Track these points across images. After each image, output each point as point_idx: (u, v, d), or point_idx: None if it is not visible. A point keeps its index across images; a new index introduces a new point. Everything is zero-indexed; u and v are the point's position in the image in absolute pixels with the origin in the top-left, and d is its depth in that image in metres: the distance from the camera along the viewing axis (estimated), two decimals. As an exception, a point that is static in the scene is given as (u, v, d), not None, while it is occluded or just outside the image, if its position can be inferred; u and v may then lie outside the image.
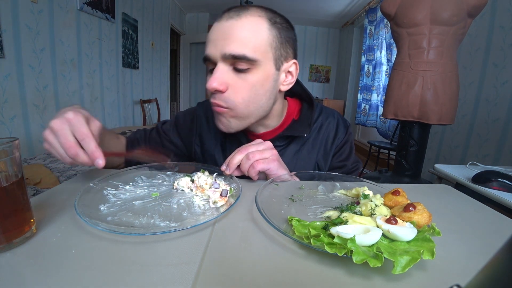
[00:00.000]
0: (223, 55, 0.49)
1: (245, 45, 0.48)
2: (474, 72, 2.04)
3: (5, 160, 0.30)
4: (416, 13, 1.42)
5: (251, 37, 0.49)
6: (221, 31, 0.50)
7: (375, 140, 3.23)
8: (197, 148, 0.70)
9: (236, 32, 0.48)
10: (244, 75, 0.51)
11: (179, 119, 0.73)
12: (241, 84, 0.51)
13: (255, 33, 0.49)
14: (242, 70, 0.50)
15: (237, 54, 0.48)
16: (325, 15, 4.66)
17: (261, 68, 0.51)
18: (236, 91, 0.51)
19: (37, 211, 0.36)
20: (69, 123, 0.40)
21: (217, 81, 0.50)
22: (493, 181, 0.89)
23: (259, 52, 0.50)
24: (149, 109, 3.46)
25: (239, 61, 0.49)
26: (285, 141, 0.64)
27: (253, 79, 0.51)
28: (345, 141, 0.68)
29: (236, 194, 0.43)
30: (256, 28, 0.49)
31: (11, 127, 1.69)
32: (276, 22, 0.52)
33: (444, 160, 2.34)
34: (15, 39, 1.66)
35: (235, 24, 0.49)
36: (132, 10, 3.08)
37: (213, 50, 0.50)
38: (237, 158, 0.50)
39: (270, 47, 0.51)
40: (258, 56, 0.50)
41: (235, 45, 0.48)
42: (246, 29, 0.49)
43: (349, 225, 0.33)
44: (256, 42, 0.49)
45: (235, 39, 0.48)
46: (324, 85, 5.63)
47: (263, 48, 0.50)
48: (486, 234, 0.38)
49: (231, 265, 0.28)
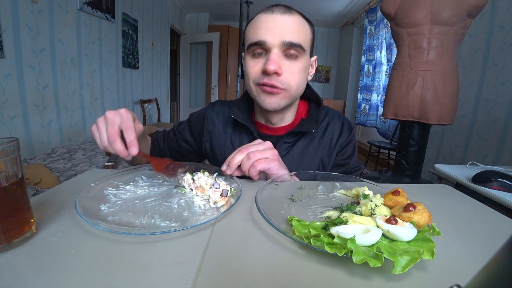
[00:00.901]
0: (282, 42, 0.56)
1: (300, 35, 0.58)
2: (474, 72, 2.04)
3: (5, 160, 0.30)
4: (416, 13, 1.42)
5: (302, 31, 0.58)
6: (278, 22, 0.56)
7: (375, 140, 3.23)
8: (207, 144, 0.74)
9: (293, 25, 0.57)
10: (293, 62, 0.59)
11: (192, 118, 0.79)
12: (293, 68, 0.59)
13: (304, 28, 0.59)
14: (293, 56, 0.58)
15: (295, 42, 0.56)
16: (325, 15, 4.66)
17: (305, 56, 0.60)
18: (290, 74, 0.59)
19: (37, 211, 0.36)
20: (120, 116, 0.47)
21: (276, 64, 0.56)
22: (493, 181, 0.89)
23: (306, 43, 0.59)
24: (149, 109, 3.46)
25: (292, 48, 0.57)
26: (295, 137, 0.68)
27: (300, 66, 0.59)
28: (349, 141, 0.71)
29: (236, 194, 0.43)
30: (304, 25, 0.60)
31: (11, 127, 1.69)
32: (311, 24, 0.63)
33: (444, 160, 2.34)
34: (15, 39, 1.66)
35: (290, 18, 0.57)
36: (132, 10, 3.07)
37: (271, 37, 0.56)
38: (238, 158, 0.50)
39: (310, 42, 0.61)
40: (306, 47, 0.59)
41: (293, 34, 0.56)
42: (299, 24, 0.58)
43: (349, 225, 0.33)
44: (305, 35, 0.59)
45: (293, 30, 0.57)
46: (324, 85, 5.63)
47: (308, 41, 0.60)
48: (486, 234, 0.38)
49: (231, 265, 0.28)
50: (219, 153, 0.71)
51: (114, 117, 0.47)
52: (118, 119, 0.47)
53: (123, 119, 0.47)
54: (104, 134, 0.47)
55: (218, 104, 0.77)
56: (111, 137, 0.46)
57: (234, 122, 0.71)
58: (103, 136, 0.47)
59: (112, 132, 0.46)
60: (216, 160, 0.72)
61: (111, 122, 0.47)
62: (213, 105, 0.77)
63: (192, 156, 0.80)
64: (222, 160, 0.65)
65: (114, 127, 0.46)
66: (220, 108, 0.75)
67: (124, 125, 0.47)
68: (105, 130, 0.47)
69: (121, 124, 0.47)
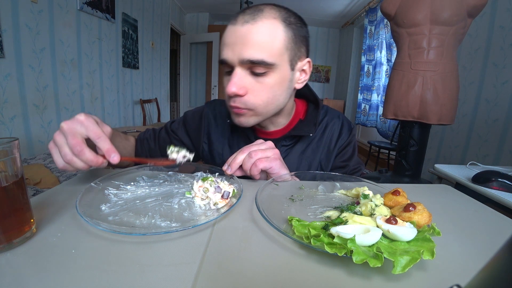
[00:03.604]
0: (241, 60, 0.50)
1: (262, 50, 0.49)
2: (474, 72, 2.04)
3: (5, 160, 0.30)
4: (416, 13, 1.42)
5: (268, 41, 0.49)
6: (238, 36, 0.50)
7: (375, 140, 3.23)
8: (205, 146, 0.71)
9: (253, 37, 0.49)
10: (262, 79, 0.52)
11: (187, 117, 0.74)
12: (260, 87, 0.52)
13: (272, 37, 0.50)
14: (260, 74, 0.51)
15: (255, 60, 0.49)
16: (325, 15, 4.66)
17: (277, 70, 0.52)
18: (255, 94, 0.52)
19: (37, 211, 0.36)
20: (81, 124, 0.41)
21: (236, 86, 0.51)
22: (493, 181, 0.89)
23: (276, 55, 0.50)
24: (149, 109, 3.46)
25: (256, 66, 0.50)
26: (292, 140, 0.65)
27: (270, 82, 0.52)
28: (348, 142, 0.69)
29: (237, 195, 0.43)
30: (272, 32, 0.50)
31: (11, 127, 1.69)
32: (291, 23, 0.52)
33: (444, 160, 2.34)
34: (15, 39, 1.66)
35: (251, 28, 0.49)
36: (132, 10, 3.07)
37: (231, 54, 0.51)
38: (239, 158, 0.50)
39: (286, 49, 0.52)
40: (275, 60, 0.50)
41: (252, 50, 0.49)
42: (262, 33, 0.49)
43: (349, 225, 0.33)
44: (273, 46, 0.50)
45: (252, 44, 0.49)
46: (324, 85, 5.63)
47: (280, 51, 0.51)
48: (486, 234, 0.38)
49: (231, 265, 0.28)
50: (218, 156, 0.69)
51: (72, 126, 0.40)
52: (79, 127, 0.40)
53: (85, 127, 0.41)
54: (64, 148, 0.39)
55: (215, 103, 0.73)
56: (75, 148, 0.39)
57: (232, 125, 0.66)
58: (64, 150, 0.39)
59: (74, 141, 0.39)
60: (214, 162, 0.69)
61: (70, 132, 0.40)
62: (210, 105, 0.73)
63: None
64: (220, 163, 0.65)
65: (76, 135, 0.40)
66: (219, 108, 0.72)
67: (91, 134, 0.41)
68: (65, 143, 0.40)
69: (86, 132, 0.41)
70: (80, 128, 0.41)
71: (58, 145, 0.40)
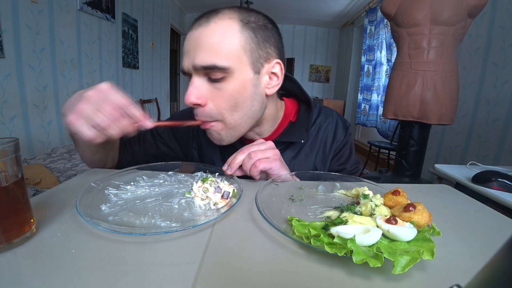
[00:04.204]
0: (194, 66, 0.46)
1: (214, 53, 0.45)
2: (474, 72, 2.04)
3: (5, 160, 0.30)
4: (416, 13, 1.42)
5: (220, 43, 0.45)
6: (192, 41, 0.47)
7: (375, 140, 3.23)
8: (195, 152, 0.67)
9: (204, 40, 0.45)
10: (220, 85, 0.47)
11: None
12: (219, 95, 0.48)
13: (224, 38, 0.45)
14: (217, 80, 0.47)
15: (206, 65, 0.45)
16: (325, 15, 4.66)
17: (236, 75, 0.47)
18: (216, 102, 0.49)
19: (37, 211, 0.36)
20: (109, 92, 0.39)
21: (194, 95, 0.47)
22: (493, 181, 0.89)
23: (232, 58, 0.46)
24: (149, 109, 3.46)
25: (211, 71, 0.46)
26: (282, 146, 0.61)
27: (229, 88, 0.48)
28: (345, 143, 0.66)
29: (237, 195, 0.43)
30: (225, 33, 0.45)
31: (11, 127, 1.69)
32: (250, 22, 0.47)
33: (444, 160, 2.34)
34: (15, 39, 1.66)
35: (203, 31, 0.45)
36: (132, 10, 3.07)
37: (186, 62, 0.48)
38: (239, 158, 0.50)
39: (244, 51, 0.47)
40: (231, 63, 0.46)
41: (204, 54, 0.45)
42: (214, 35, 0.45)
43: (349, 225, 0.33)
44: (227, 48, 0.45)
45: (203, 48, 0.45)
46: (324, 85, 5.63)
47: (236, 53, 0.46)
48: (486, 234, 0.38)
49: (231, 265, 0.28)
50: (209, 162, 0.65)
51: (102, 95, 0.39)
52: (109, 95, 0.39)
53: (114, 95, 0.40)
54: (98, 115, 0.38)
55: None
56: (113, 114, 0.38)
57: None
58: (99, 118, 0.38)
59: (110, 108, 0.38)
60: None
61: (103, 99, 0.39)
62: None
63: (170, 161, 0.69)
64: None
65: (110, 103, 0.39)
66: None
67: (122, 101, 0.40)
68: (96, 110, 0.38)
69: (116, 100, 0.40)
70: (110, 96, 0.39)
71: (87, 114, 0.38)
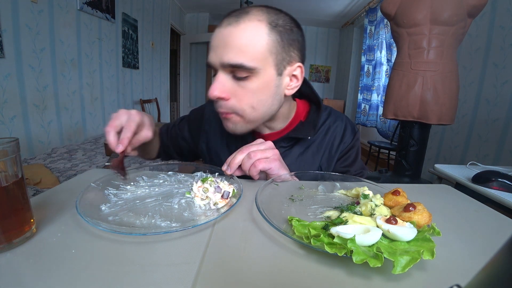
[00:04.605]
0: (222, 63, 0.49)
1: (242, 53, 0.47)
2: (474, 72, 2.04)
3: (5, 160, 0.30)
4: (416, 13, 1.42)
5: (249, 45, 0.47)
6: (220, 38, 0.49)
7: (375, 140, 3.23)
8: (203, 144, 0.71)
9: (234, 40, 0.47)
10: (244, 83, 0.50)
11: (192, 115, 0.76)
12: (242, 92, 0.51)
13: (253, 40, 0.48)
14: (242, 78, 0.49)
15: (234, 63, 0.48)
16: (325, 15, 4.66)
17: (260, 75, 0.50)
18: (238, 98, 0.51)
19: (37, 211, 0.36)
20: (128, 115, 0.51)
21: (218, 90, 0.50)
22: (493, 181, 0.89)
23: (258, 59, 0.48)
24: (149, 109, 3.46)
25: (237, 70, 0.49)
26: (290, 142, 0.63)
27: (253, 87, 0.50)
28: (351, 147, 0.67)
29: (237, 195, 0.43)
30: (255, 35, 0.48)
31: (11, 127, 1.69)
32: (278, 25, 0.50)
33: (444, 160, 2.34)
34: (15, 39, 1.66)
35: (233, 31, 0.48)
36: (132, 10, 3.07)
37: (214, 58, 0.50)
38: (239, 158, 0.50)
39: (270, 53, 0.49)
40: (257, 64, 0.48)
41: (232, 53, 0.47)
42: (244, 36, 0.47)
43: (349, 225, 0.33)
44: (255, 50, 0.48)
45: (232, 48, 0.47)
46: (324, 85, 5.62)
47: (262, 55, 0.49)
48: (486, 234, 0.38)
49: (231, 265, 0.28)
50: (215, 155, 0.69)
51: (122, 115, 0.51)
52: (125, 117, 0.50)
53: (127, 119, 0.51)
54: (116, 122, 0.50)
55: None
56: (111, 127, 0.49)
57: None
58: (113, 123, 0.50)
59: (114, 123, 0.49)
60: (212, 162, 0.69)
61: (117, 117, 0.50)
62: (211, 103, 0.71)
63: (189, 155, 0.78)
64: (218, 162, 0.65)
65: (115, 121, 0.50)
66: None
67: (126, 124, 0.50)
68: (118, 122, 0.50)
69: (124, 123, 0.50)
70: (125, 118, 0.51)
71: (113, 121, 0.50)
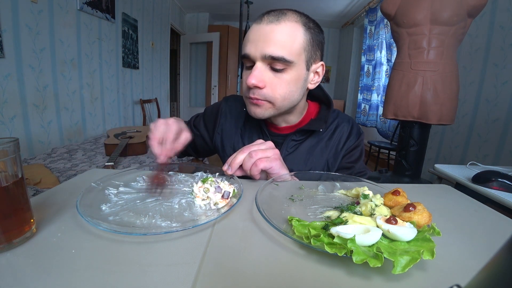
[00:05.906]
0: (263, 55, 0.54)
1: (283, 48, 0.54)
2: (474, 72, 2.04)
3: (5, 160, 0.30)
4: (416, 13, 1.42)
5: (289, 41, 0.54)
6: (262, 34, 0.54)
7: (375, 140, 3.23)
8: (218, 136, 0.76)
9: (276, 35, 0.54)
10: (280, 74, 0.56)
11: (207, 112, 0.81)
12: (278, 82, 0.57)
13: (292, 37, 0.54)
14: (279, 69, 0.56)
15: (276, 56, 0.54)
16: (325, 15, 4.66)
17: (295, 68, 0.56)
18: (274, 88, 0.57)
19: (37, 211, 0.36)
20: (166, 126, 0.56)
21: (256, 78, 0.55)
22: (493, 181, 0.89)
23: (295, 54, 0.55)
24: (149, 109, 3.45)
25: (276, 62, 0.55)
26: (303, 136, 0.68)
27: (287, 78, 0.57)
28: (356, 146, 0.71)
29: (237, 195, 0.43)
30: (293, 33, 0.55)
31: (11, 127, 1.68)
32: (310, 28, 0.57)
33: (444, 160, 2.34)
34: (15, 39, 1.66)
35: (275, 28, 0.54)
36: (132, 10, 3.07)
37: (253, 50, 0.55)
38: (240, 158, 0.51)
39: (304, 50, 0.56)
40: (294, 58, 0.55)
41: (274, 47, 0.53)
42: (284, 33, 0.54)
43: (349, 225, 0.33)
44: (293, 46, 0.55)
45: (274, 42, 0.53)
46: (324, 85, 5.62)
47: (298, 51, 0.56)
48: (486, 234, 0.38)
49: (231, 265, 0.28)
50: (229, 146, 0.73)
51: (160, 126, 0.56)
52: (163, 127, 0.56)
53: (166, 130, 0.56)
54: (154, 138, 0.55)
55: (231, 98, 0.79)
56: (150, 142, 0.54)
57: (245, 117, 0.73)
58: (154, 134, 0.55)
59: (155, 135, 0.55)
60: (225, 154, 0.74)
61: (156, 127, 0.56)
62: (227, 99, 0.79)
63: (204, 151, 0.82)
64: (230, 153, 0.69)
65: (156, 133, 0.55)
66: (234, 102, 0.77)
67: (165, 136, 0.55)
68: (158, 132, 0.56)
69: (164, 133, 0.55)
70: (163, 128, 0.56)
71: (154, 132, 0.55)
